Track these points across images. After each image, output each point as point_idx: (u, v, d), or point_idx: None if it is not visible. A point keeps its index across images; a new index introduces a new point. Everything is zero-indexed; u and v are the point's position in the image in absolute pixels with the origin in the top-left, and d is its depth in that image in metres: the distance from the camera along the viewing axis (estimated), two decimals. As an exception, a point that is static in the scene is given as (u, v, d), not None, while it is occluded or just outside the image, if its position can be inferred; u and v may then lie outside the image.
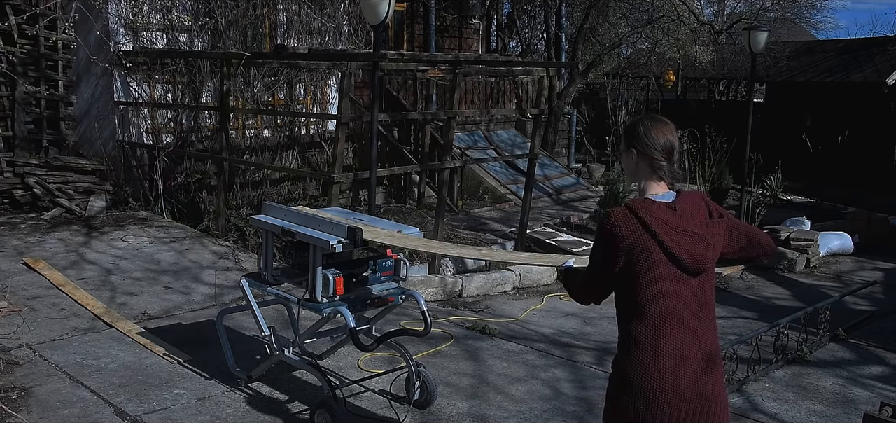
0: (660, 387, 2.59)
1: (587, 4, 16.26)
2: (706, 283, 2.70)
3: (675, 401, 2.59)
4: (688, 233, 2.62)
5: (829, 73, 16.46)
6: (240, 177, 10.48)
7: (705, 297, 2.70)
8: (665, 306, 2.61)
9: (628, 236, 2.58)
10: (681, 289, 2.63)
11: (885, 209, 12.62)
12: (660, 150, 2.70)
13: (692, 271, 2.63)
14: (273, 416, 4.57)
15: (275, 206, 4.81)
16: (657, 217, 2.60)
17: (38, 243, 7.84)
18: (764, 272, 9.96)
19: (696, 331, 2.65)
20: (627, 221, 2.60)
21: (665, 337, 2.61)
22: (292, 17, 11.63)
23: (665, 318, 2.61)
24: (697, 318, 2.67)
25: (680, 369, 2.60)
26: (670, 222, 2.61)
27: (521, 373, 5.52)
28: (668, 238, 2.59)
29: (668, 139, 2.71)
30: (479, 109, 14.72)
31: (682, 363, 2.61)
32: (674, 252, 2.60)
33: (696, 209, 2.69)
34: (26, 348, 5.38)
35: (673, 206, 2.65)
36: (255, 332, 4.90)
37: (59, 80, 9.76)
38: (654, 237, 2.58)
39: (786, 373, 5.87)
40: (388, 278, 4.58)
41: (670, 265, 2.61)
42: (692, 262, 2.62)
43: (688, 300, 2.64)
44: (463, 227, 10.87)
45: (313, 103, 12.24)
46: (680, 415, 2.59)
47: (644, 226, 2.59)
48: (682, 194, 2.72)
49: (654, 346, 2.61)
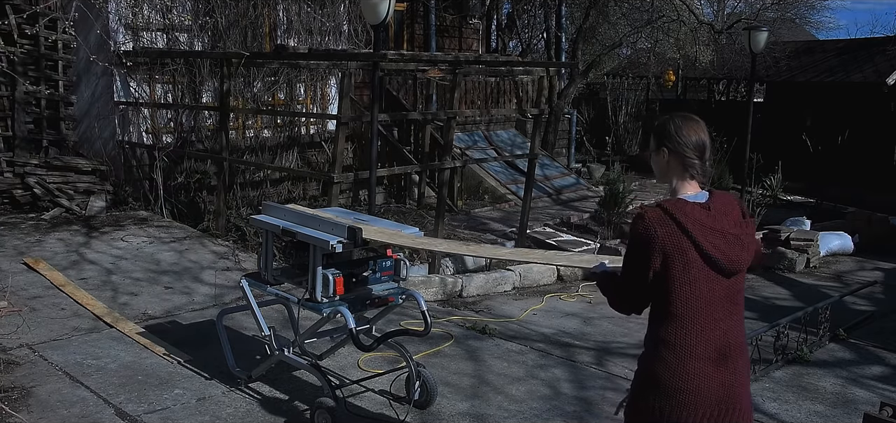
0: (688, 388, 2.56)
1: (587, 4, 16.26)
2: (738, 283, 2.66)
3: (702, 402, 2.57)
4: (723, 234, 2.58)
5: (829, 73, 16.46)
6: (240, 177, 10.48)
7: (736, 297, 2.66)
8: (698, 308, 2.57)
9: (664, 237, 2.53)
10: (714, 291, 2.59)
11: (885, 209, 12.62)
12: (692, 148, 2.66)
13: (727, 273, 2.59)
14: (273, 416, 4.57)
15: (275, 206, 4.81)
16: (692, 218, 2.55)
17: (38, 243, 7.84)
18: (764, 272, 9.96)
19: (726, 332, 2.63)
20: (662, 222, 2.55)
21: (696, 338, 2.58)
22: (292, 17, 11.64)
23: (698, 319, 2.58)
24: (729, 319, 2.64)
25: (709, 371, 2.58)
26: (706, 223, 2.57)
27: (521, 373, 5.52)
28: (704, 239, 2.55)
29: (700, 137, 2.67)
30: (479, 109, 14.72)
31: (711, 366, 2.58)
32: (710, 253, 2.55)
33: (730, 209, 2.65)
34: (26, 348, 5.38)
35: (707, 206, 2.61)
36: (255, 332, 4.90)
37: (59, 80, 9.76)
38: (691, 239, 2.54)
39: (786, 373, 5.87)
40: (388, 278, 4.58)
41: (705, 267, 2.56)
42: (728, 263, 2.58)
43: (720, 302, 2.61)
44: (463, 227, 10.87)
45: (313, 103, 12.24)
46: (704, 416, 2.57)
47: (680, 227, 2.54)
48: (714, 194, 2.67)
49: (684, 347, 2.58)
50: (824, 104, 16.09)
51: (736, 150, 13.26)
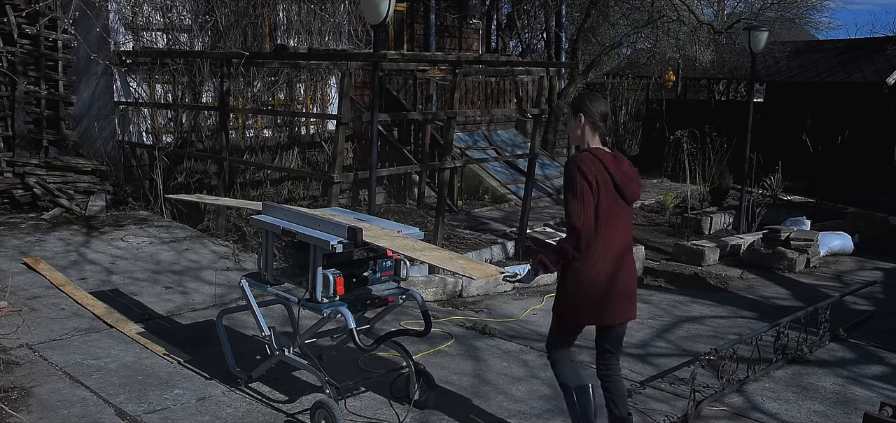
0: (599, 284, 3.80)
1: (587, 4, 16.26)
2: (631, 208, 3.92)
3: (606, 287, 3.82)
4: (624, 174, 3.82)
5: (829, 73, 16.44)
6: (240, 177, 10.48)
7: (629, 217, 3.91)
8: (610, 223, 3.77)
9: (595, 171, 3.73)
10: (620, 211, 3.82)
11: (885, 209, 12.62)
12: (599, 116, 3.84)
13: (628, 200, 3.86)
14: (273, 416, 4.57)
15: (275, 206, 4.81)
16: (607, 160, 3.79)
17: (38, 242, 7.84)
18: (764, 272, 9.97)
19: (624, 237, 3.87)
20: (592, 161, 3.76)
21: (607, 242, 3.79)
22: (292, 17, 11.64)
23: (609, 229, 3.77)
24: (626, 231, 3.88)
25: (609, 267, 3.81)
26: (613, 165, 3.79)
27: (521, 373, 5.52)
28: (616, 175, 3.78)
29: (604, 109, 3.87)
30: (479, 109, 14.72)
31: (612, 260, 3.81)
32: (619, 184, 3.78)
33: (622, 159, 3.90)
34: (26, 348, 5.38)
35: (615, 155, 3.86)
36: (255, 332, 4.90)
37: (59, 79, 9.76)
38: (609, 173, 3.76)
39: (786, 373, 5.87)
40: (389, 278, 4.57)
41: (616, 193, 3.79)
42: (629, 194, 3.84)
43: (623, 218, 3.85)
44: (463, 227, 10.87)
45: (313, 103, 12.24)
46: (602, 298, 3.83)
47: (602, 164, 3.76)
48: (613, 150, 3.91)
49: (597, 248, 3.78)
50: (824, 104, 16.08)
51: (736, 150, 13.24)
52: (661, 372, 5.77)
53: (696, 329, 7.32)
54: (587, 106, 3.84)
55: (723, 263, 10.48)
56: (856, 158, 15.10)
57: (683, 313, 7.99)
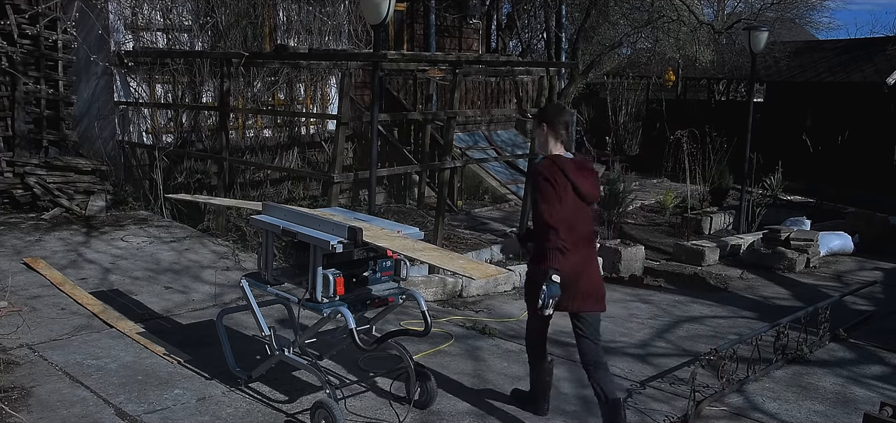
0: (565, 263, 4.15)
1: (587, 4, 16.24)
2: (592, 208, 4.38)
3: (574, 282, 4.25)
4: (585, 178, 4.25)
5: (829, 73, 16.45)
6: (240, 177, 10.47)
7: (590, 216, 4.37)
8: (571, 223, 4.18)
9: (556, 176, 4.17)
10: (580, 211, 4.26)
11: (885, 209, 12.62)
12: (561, 124, 4.31)
13: (588, 201, 4.29)
14: (273, 416, 4.57)
15: (275, 206, 4.81)
16: (568, 166, 4.23)
17: (38, 242, 7.84)
18: (764, 272, 9.97)
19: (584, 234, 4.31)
20: (553, 168, 4.21)
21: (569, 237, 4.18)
22: (292, 17, 11.64)
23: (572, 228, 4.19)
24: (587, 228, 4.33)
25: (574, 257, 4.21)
26: (574, 170, 4.23)
27: (522, 372, 5.52)
28: (576, 179, 4.21)
29: (566, 118, 4.37)
30: (479, 109, 14.72)
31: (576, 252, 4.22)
32: (580, 188, 4.22)
33: (585, 163, 4.36)
34: (26, 348, 5.38)
35: (575, 160, 4.31)
36: (255, 332, 4.90)
37: (60, 79, 9.75)
38: (568, 179, 4.19)
39: (786, 373, 5.87)
40: (389, 278, 4.57)
41: (576, 196, 4.21)
42: (589, 195, 4.27)
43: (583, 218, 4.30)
44: (463, 226, 10.87)
45: (313, 103, 12.24)
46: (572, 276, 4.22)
47: (563, 171, 4.20)
48: (575, 155, 4.39)
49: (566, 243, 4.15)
50: (824, 104, 16.08)
51: (736, 150, 13.25)
52: (661, 372, 5.77)
53: (695, 329, 7.32)
54: (550, 116, 4.33)
55: (723, 263, 10.48)
56: (856, 158, 15.10)
57: (683, 313, 8.00)
